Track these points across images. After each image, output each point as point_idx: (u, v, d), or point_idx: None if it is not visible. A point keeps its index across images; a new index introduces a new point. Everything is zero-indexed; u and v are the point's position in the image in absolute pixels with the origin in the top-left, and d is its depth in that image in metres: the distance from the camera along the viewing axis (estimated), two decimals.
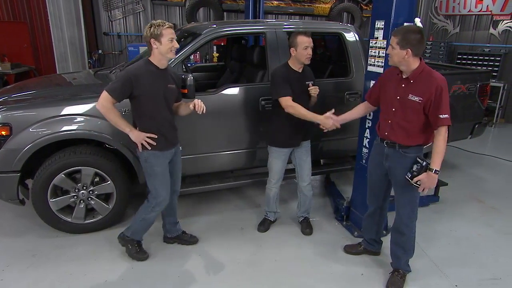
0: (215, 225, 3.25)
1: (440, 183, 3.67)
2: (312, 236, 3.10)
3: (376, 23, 2.69)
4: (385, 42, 2.62)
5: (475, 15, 7.53)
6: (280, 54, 3.21)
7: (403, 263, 2.49)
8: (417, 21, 2.55)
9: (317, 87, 2.82)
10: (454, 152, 5.18)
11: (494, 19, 7.18)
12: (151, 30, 2.28)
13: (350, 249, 2.85)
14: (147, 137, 2.40)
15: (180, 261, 2.74)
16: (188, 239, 2.94)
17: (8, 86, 4.13)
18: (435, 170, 2.12)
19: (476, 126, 4.28)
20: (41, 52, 7.25)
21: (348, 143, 3.61)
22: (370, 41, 2.78)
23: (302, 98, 2.78)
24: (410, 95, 2.17)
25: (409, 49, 2.10)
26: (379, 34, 2.68)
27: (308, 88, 2.80)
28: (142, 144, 2.42)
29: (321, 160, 4.09)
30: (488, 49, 7.27)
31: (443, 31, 8.27)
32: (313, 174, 3.78)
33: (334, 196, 3.59)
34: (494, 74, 6.91)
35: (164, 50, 2.31)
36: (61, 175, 2.80)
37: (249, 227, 3.22)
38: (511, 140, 6.05)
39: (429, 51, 8.05)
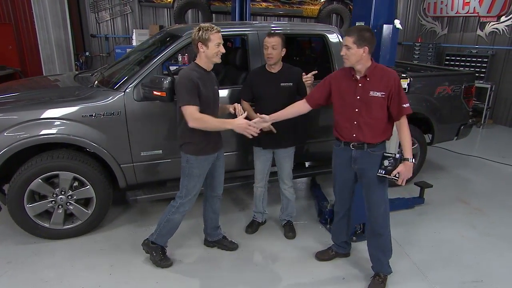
0: (199, 228, 3.20)
1: (425, 185, 3.68)
2: (295, 240, 3.08)
3: (356, 25, 2.68)
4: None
5: (463, 16, 7.60)
6: (262, 56, 3.17)
7: (384, 265, 2.48)
8: (397, 22, 2.56)
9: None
10: (441, 153, 5.20)
11: (481, 20, 7.24)
12: (199, 33, 2.30)
13: (322, 256, 2.82)
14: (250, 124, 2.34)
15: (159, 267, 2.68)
16: (228, 245, 2.91)
17: None
18: (411, 159, 2.20)
19: (462, 127, 4.30)
20: (27, 54, 7.15)
21: (332, 145, 3.59)
22: None
23: (273, 100, 2.76)
24: (371, 92, 2.21)
25: (366, 47, 2.15)
26: None
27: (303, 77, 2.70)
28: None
29: (306, 163, 4.08)
30: (475, 51, 7.32)
31: (431, 33, 8.33)
32: (298, 177, 3.80)
33: (319, 198, 3.57)
34: (481, 75, 6.97)
35: (210, 54, 2.34)
36: (38, 180, 2.74)
37: (235, 230, 3.19)
38: (498, 141, 6.10)
39: (417, 52, 8.10)
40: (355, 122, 2.29)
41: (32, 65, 7.17)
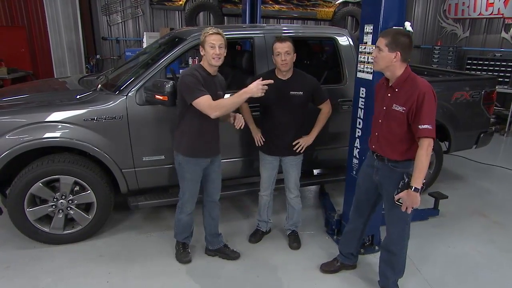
0: (201, 236, 3.17)
1: (440, 196, 3.57)
2: (300, 251, 3.03)
3: (365, 27, 2.63)
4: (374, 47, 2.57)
5: (486, 18, 7.41)
6: (268, 60, 3.16)
7: (391, 283, 2.40)
8: (407, 25, 2.49)
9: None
10: (459, 162, 5.04)
11: (506, 22, 7.05)
12: (200, 37, 2.40)
13: (326, 268, 2.76)
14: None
15: (161, 276, 2.68)
16: (229, 254, 2.90)
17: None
18: (415, 187, 2.00)
19: (482, 135, 4.16)
20: (39, 57, 7.36)
21: (343, 152, 3.52)
22: (360, 46, 2.72)
23: (281, 107, 2.73)
24: (394, 105, 2.10)
25: (398, 52, 2.02)
26: (368, 39, 2.61)
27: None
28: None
29: (314, 170, 4.02)
30: (500, 54, 7.12)
31: (452, 36, 8.16)
32: (306, 185, 3.76)
33: (327, 208, 3.51)
34: (506, 80, 6.76)
35: (208, 57, 2.38)
36: (39, 183, 2.78)
37: (238, 238, 3.16)
38: None
39: (437, 56, 7.93)
40: (376, 133, 2.24)
41: (44, 68, 7.38)
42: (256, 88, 2.30)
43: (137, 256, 2.89)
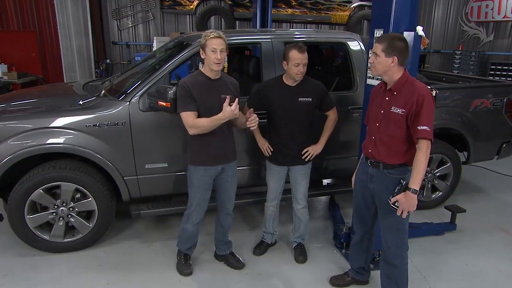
0: (205, 246, 3.17)
1: (457, 210, 3.47)
2: (306, 264, 2.98)
3: (375, 32, 2.60)
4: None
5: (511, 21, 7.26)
6: (276, 65, 3.15)
7: None
8: (419, 29, 2.45)
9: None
10: (480, 174, 4.90)
11: None
12: (201, 40, 2.43)
13: (336, 281, 2.72)
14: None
15: (160, 286, 2.68)
16: (233, 263, 2.93)
17: (8, 93, 4.32)
18: (413, 189, 2.04)
19: (504, 145, 4.05)
20: (49, 61, 7.56)
21: (354, 162, 3.47)
22: (370, 52, 2.69)
23: (289, 114, 2.72)
24: (392, 107, 2.15)
25: (395, 57, 2.08)
26: None
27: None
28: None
29: (324, 180, 3.97)
30: None
31: (474, 40, 8.01)
32: (315, 195, 3.71)
33: (336, 220, 3.45)
34: None
35: (208, 61, 2.41)
36: (39, 190, 2.82)
37: (242, 250, 3.13)
38: None
39: (458, 61, 7.80)
40: (373, 137, 2.27)
41: (54, 72, 7.57)
42: (230, 113, 2.35)
43: (137, 266, 2.90)
